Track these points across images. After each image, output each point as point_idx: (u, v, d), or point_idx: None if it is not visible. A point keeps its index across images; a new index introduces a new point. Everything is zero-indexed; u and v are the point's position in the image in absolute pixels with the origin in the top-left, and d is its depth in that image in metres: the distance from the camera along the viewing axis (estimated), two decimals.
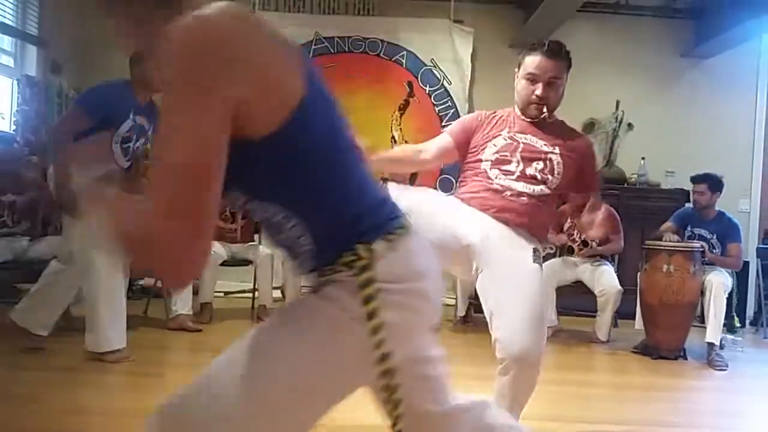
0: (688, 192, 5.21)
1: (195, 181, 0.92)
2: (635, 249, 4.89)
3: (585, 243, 4.75)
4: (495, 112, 2.57)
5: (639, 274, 4.49)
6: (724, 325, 4.33)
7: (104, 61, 6.22)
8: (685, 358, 4.23)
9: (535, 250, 2.24)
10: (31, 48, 5.79)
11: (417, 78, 6.20)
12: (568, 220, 4.84)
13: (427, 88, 6.20)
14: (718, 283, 4.20)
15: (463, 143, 2.54)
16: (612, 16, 6.31)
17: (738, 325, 5.36)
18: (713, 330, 4.13)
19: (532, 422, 2.79)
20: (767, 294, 5.42)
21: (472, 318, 5.04)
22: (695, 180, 4.59)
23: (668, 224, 4.61)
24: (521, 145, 2.42)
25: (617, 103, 6.21)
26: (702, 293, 4.28)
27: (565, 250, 4.84)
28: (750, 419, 3.21)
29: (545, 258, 4.87)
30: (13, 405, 2.72)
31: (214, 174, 0.93)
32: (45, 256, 4.18)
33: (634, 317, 4.55)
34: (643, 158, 5.97)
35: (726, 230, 4.46)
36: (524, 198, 2.31)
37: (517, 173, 2.37)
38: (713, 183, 4.49)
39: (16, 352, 3.62)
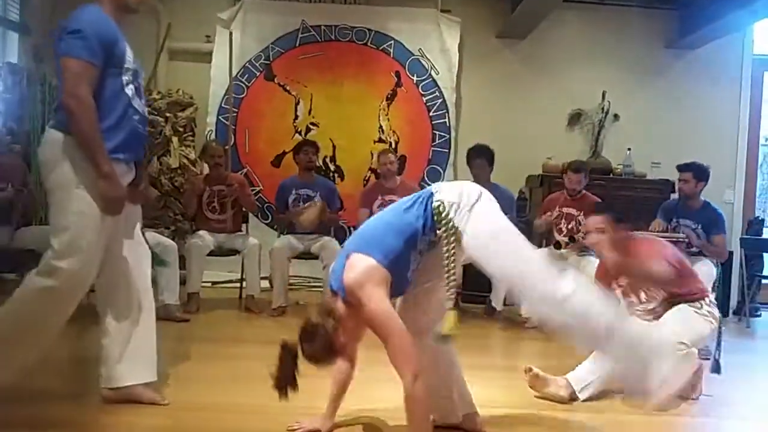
0: (673, 183, 5.25)
1: None
2: None
3: (572, 238, 4.75)
4: None
5: None
6: None
7: None
8: None
9: None
10: (13, 35, 5.70)
11: (404, 67, 6.18)
12: (557, 209, 4.86)
13: (415, 78, 6.19)
14: (704, 272, 4.22)
15: None
16: (597, 7, 6.33)
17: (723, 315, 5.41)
18: None
19: (518, 410, 2.82)
20: (750, 284, 5.49)
21: (459, 308, 5.04)
22: (681, 168, 4.61)
23: (657, 221, 4.64)
24: None
25: (603, 93, 6.24)
26: None
27: (553, 245, 4.84)
28: (736, 407, 3.24)
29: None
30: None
31: None
32: (28, 246, 4.13)
33: None
34: (628, 149, 6.01)
35: (711, 221, 4.49)
36: None
37: None
38: (698, 171, 4.52)
39: None
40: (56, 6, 5.88)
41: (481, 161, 5.01)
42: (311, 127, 6.16)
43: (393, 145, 6.12)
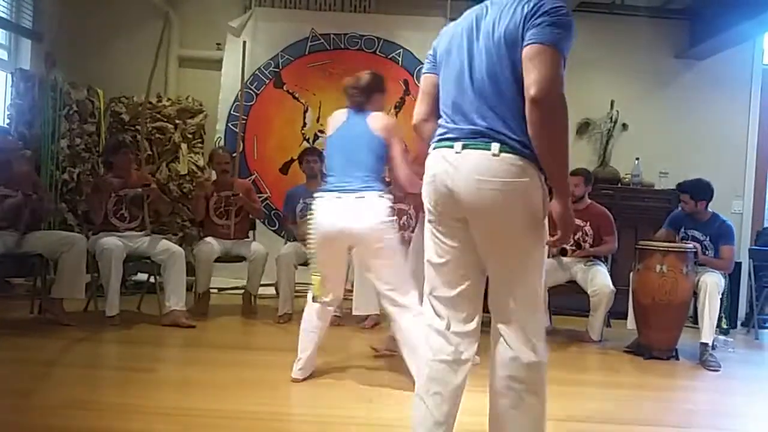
0: None
1: None
2: (628, 249, 4.89)
3: (578, 245, 4.75)
4: None
5: (632, 274, 4.49)
6: (716, 325, 4.33)
7: (99, 54, 6.22)
8: (677, 359, 4.24)
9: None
10: (25, 41, 5.76)
11: (413, 76, 6.20)
12: None
13: None
14: (712, 283, 4.20)
15: None
16: (607, 17, 6.32)
17: (725, 326, 5.35)
18: (707, 330, 4.13)
19: None
20: (759, 295, 5.45)
21: None
22: (678, 189, 4.60)
23: (663, 230, 4.62)
24: None
25: (612, 103, 6.23)
26: (695, 294, 4.29)
27: (558, 252, 4.83)
28: (745, 420, 3.22)
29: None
30: (5, 400, 2.71)
31: None
32: (36, 250, 4.16)
33: (626, 317, 4.55)
34: (637, 159, 6.00)
35: (719, 233, 4.45)
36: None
37: None
38: (695, 193, 4.46)
39: (8, 347, 3.60)
40: (69, 12, 5.96)
41: None
42: (319, 134, 6.18)
43: None
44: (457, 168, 1.85)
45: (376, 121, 3.17)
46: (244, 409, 2.76)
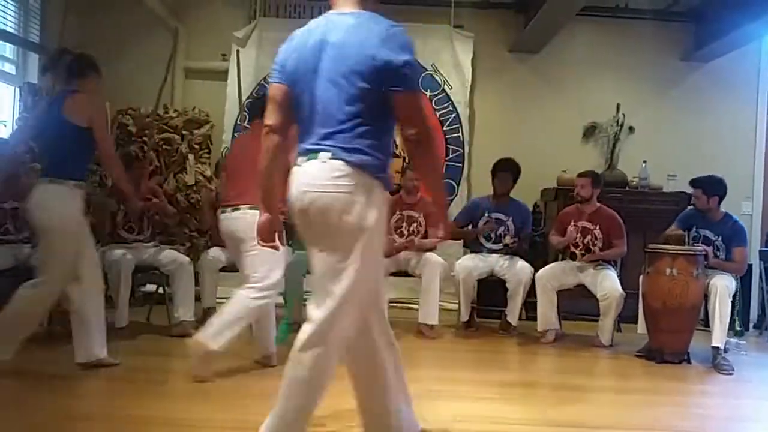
0: (690, 195, 5.20)
1: None
2: (637, 252, 4.87)
3: (588, 249, 4.72)
4: None
5: (642, 277, 4.46)
6: (728, 328, 4.29)
7: (105, 67, 6.24)
8: (689, 362, 4.21)
9: None
10: (32, 56, 5.79)
11: (418, 83, 6.19)
12: (572, 223, 4.82)
13: (428, 93, 6.20)
14: (723, 286, 4.17)
15: None
16: (611, 20, 6.32)
17: (739, 328, 5.31)
18: (719, 333, 4.10)
19: (535, 427, 2.79)
20: None
21: (475, 323, 5.03)
22: (691, 184, 4.57)
23: (673, 227, 4.59)
24: None
25: (618, 106, 6.21)
26: (706, 296, 4.25)
27: (568, 256, 4.81)
28: (759, 424, 3.19)
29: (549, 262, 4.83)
30: (16, 412, 2.71)
31: None
32: None
33: (636, 321, 4.52)
34: (644, 162, 5.97)
35: (732, 233, 4.42)
36: None
37: None
38: (708, 188, 4.44)
39: (18, 359, 3.61)
40: (76, 27, 5.99)
41: (505, 174, 5.07)
42: None
43: (407, 160, 6.13)
44: (298, 179, 2.05)
45: (70, 106, 3.15)
46: (252, 419, 2.75)
